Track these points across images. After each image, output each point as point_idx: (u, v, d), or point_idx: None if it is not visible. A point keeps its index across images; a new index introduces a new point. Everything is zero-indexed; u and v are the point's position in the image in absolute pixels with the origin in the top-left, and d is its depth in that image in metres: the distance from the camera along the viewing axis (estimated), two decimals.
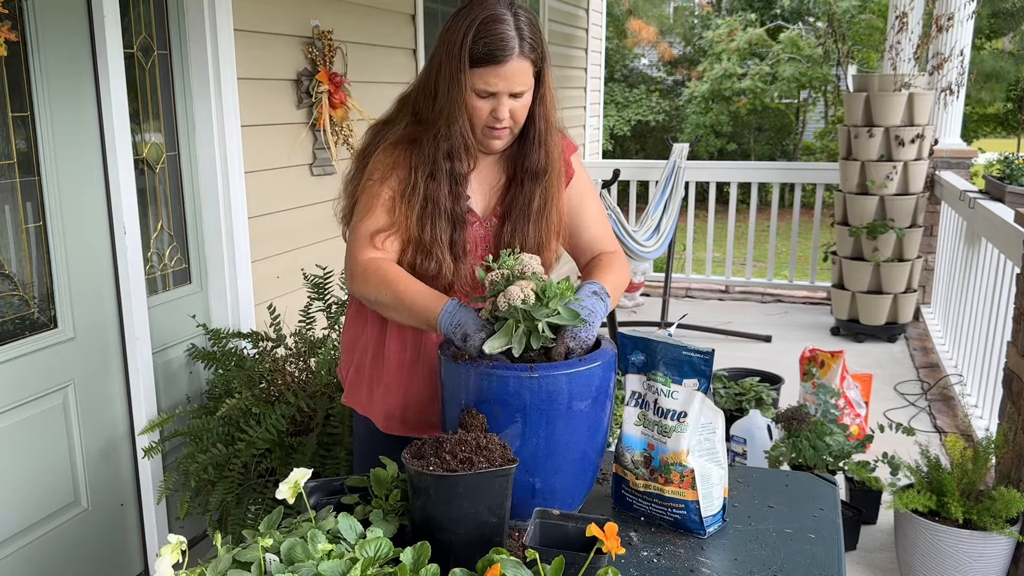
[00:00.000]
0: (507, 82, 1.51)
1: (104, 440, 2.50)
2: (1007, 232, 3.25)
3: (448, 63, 1.51)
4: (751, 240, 6.33)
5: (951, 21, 5.00)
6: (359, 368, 1.73)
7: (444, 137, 1.54)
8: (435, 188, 1.56)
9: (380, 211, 1.56)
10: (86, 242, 2.38)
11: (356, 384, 1.73)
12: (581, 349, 1.38)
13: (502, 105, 1.53)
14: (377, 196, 1.57)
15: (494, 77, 1.50)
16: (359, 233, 1.57)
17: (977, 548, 2.47)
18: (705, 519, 1.38)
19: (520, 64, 1.51)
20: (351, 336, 1.76)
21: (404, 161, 1.57)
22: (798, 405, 3.18)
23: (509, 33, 1.49)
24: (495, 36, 1.48)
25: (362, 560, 1.05)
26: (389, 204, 1.57)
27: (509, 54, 1.49)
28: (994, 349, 3.48)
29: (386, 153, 1.59)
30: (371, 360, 1.70)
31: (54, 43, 2.22)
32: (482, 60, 1.49)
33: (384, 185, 1.57)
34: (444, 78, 1.52)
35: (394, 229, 1.57)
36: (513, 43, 1.49)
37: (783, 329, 5.47)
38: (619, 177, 4.87)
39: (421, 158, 1.56)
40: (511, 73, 1.50)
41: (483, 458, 1.21)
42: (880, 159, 4.98)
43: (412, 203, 1.56)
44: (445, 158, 1.56)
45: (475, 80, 1.50)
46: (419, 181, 1.56)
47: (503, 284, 1.39)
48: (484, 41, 1.48)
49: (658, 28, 16.06)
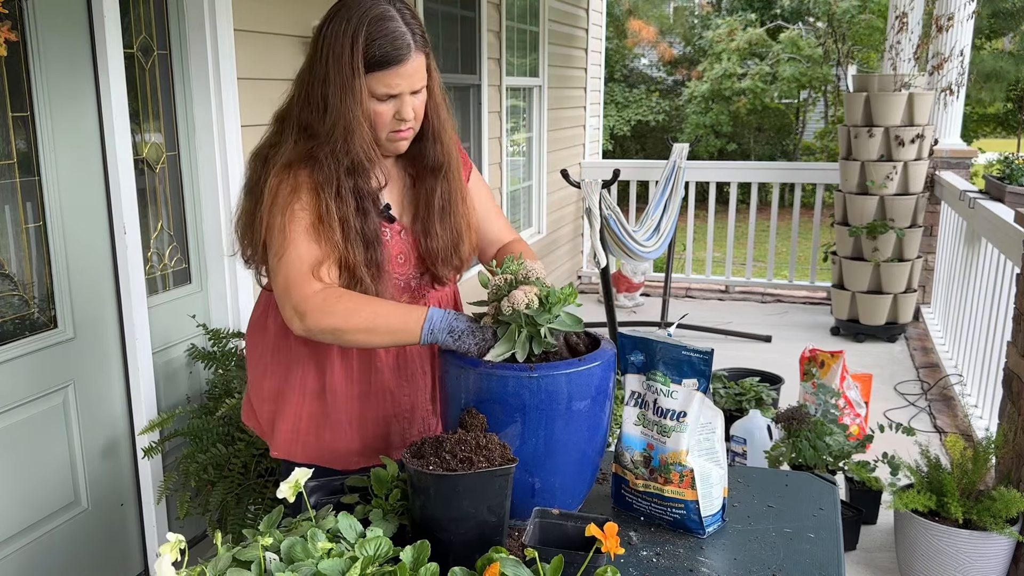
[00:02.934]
0: (409, 80, 1.44)
1: (104, 440, 2.50)
2: (1007, 232, 3.25)
3: (338, 72, 1.41)
4: (751, 240, 6.34)
5: (951, 21, 5.00)
6: (294, 416, 1.59)
7: (344, 152, 1.43)
8: (344, 208, 1.45)
9: (305, 240, 1.43)
10: (86, 242, 2.38)
11: (291, 433, 1.59)
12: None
13: (406, 105, 1.46)
14: (294, 225, 1.43)
15: (395, 78, 1.43)
16: (293, 269, 1.43)
17: (977, 548, 2.47)
18: (705, 519, 1.38)
19: (418, 59, 1.44)
20: (272, 386, 1.61)
21: (306, 182, 1.44)
22: (798, 405, 3.18)
23: (401, 29, 1.42)
24: (390, 36, 1.40)
25: (362, 559, 1.05)
26: (311, 231, 1.44)
27: (408, 51, 1.42)
28: (994, 349, 3.48)
29: (281, 177, 1.44)
30: (310, 402, 1.57)
31: (54, 43, 2.23)
32: (380, 63, 1.41)
33: (295, 211, 1.43)
34: (335, 89, 1.41)
35: (330, 258, 1.45)
36: (408, 39, 1.42)
37: (783, 329, 5.47)
38: (619, 177, 4.87)
39: (323, 176, 1.44)
40: (412, 71, 1.44)
41: (483, 458, 1.21)
42: (880, 159, 4.98)
43: (332, 225, 1.44)
44: (347, 174, 1.45)
45: (374, 85, 1.42)
46: (329, 201, 1.44)
47: (506, 289, 1.39)
48: (378, 43, 1.40)
49: (658, 28, 16.06)
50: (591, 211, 4.36)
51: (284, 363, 1.59)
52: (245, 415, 1.72)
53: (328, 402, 1.57)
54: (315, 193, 1.44)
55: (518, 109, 5.72)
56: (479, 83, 4.83)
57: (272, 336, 1.61)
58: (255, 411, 1.67)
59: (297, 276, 1.43)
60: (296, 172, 1.44)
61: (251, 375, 1.68)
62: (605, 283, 4.57)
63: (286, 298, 1.43)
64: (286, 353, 1.59)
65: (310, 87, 1.45)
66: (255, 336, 1.66)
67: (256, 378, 1.65)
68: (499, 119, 5.16)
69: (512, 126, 5.59)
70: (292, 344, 1.57)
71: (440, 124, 1.55)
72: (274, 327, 1.60)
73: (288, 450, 1.60)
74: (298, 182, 1.44)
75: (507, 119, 5.33)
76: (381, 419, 1.59)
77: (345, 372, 1.56)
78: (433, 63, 1.50)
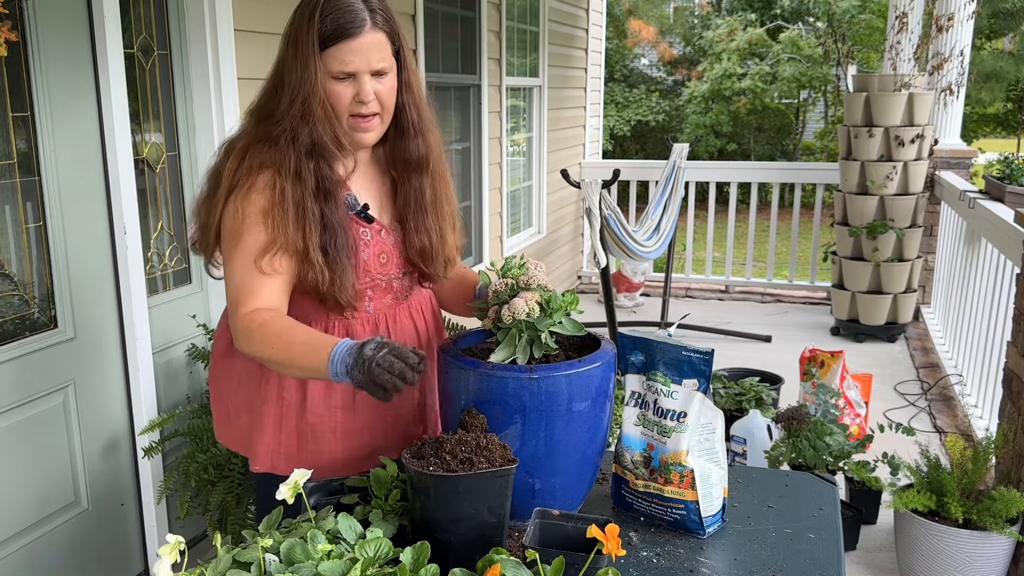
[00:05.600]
0: (364, 57, 1.40)
1: (104, 440, 2.50)
2: (1007, 232, 3.25)
3: (296, 52, 1.41)
4: (751, 240, 6.34)
5: (951, 21, 5.00)
6: (274, 427, 1.53)
7: (304, 131, 1.41)
8: (302, 190, 1.41)
9: (255, 227, 1.39)
10: (86, 242, 2.38)
11: (272, 445, 1.53)
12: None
13: (364, 85, 1.42)
14: (248, 209, 1.40)
15: (348, 53, 1.40)
16: (237, 264, 1.40)
17: (977, 548, 2.47)
18: (705, 519, 1.38)
19: (375, 36, 1.41)
20: (247, 397, 1.55)
21: (266, 163, 1.41)
22: (798, 405, 3.18)
23: (356, 5, 1.40)
24: (342, 9, 1.40)
25: (362, 560, 1.05)
26: (262, 216, 1.40)
27: (361, 25, 1.40)
28: (994, 349, 3.48)
29: (238, 159, 1.42)
30: (289, 413, 1.51)
31: (54, 43, 2.23)
32: (332, 37, 1.39)
33: (250, 194, 1.40)
34: (293, 69, 1.41)
35: (278, 244, 1.39)
36: (363, 14, 1.40)
37: (783, 329, 5.47)
38: (619, 177, 4.87)
39: (280, 157, 1.41)
40: (366, 47, 1.40)
41: (483, 458, 1.21)
42: (880, 159, 4.98)
43: (285, 208, 1.40)
44: (307, 155, 1.42)
45: (329, 62, 1.40)
46: (285, 184, 1.40)
47: (507, 294, 1.39)
48: (331, 17, 1.39)
49: (658, 28, 16.06)
50: (591, 211, 4.36)
51: (257, 372, 1.53)
52: (220, 431, 1.65)
53: (309, 411, 1.51)
54: (272, 175, 1.40)
55: (518, 109, 5.72)
56: (479, 83, 4.83)
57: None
58: (230, 424, 1.62)
59: (234, 294, 1.41)
60: (253, 154, 1.42)
61: (224, 386, 1.61)
62: (605, 283, 4.57)
63: (229, 307, 1.43)
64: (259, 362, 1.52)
65: (274, 74, 1.46)
66: (226, 343, 1.57)
67: (231, 389, 1.59)
68: (499, 119, 5.16)
69: (512, 126, 5.59)
70: None
71: (421, 119, 1.52)
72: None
73: (271, 463, 1.54)
74: (253, 164, 1.41)
75: (507, 119, 5.33)
76: (365, 429, 1.54)
77: (325, 382, 1.49)
78: (408, 55, 1.48)
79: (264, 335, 1.35)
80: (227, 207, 1.42)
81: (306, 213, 1.40)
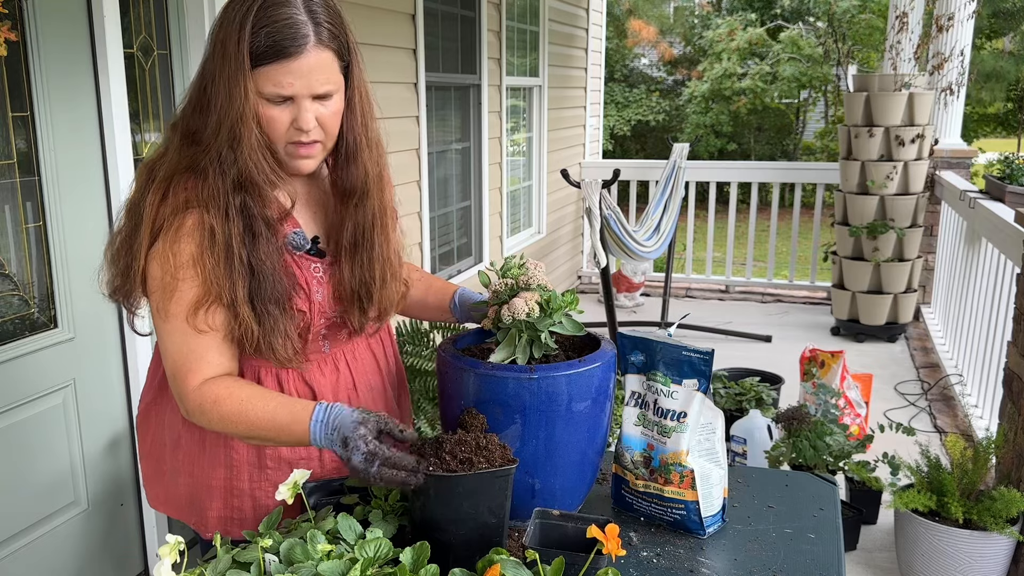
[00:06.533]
0: (305, 80, 1.20)
1: (104, 440, 2.50)
2: (1007, 232, 3.25)
3: (223, 66, 1.18)
4: (751, 240, 6.34)
5: (951, 21, 4.99)
6: (224, 495, 1.37)
7: (230, 161, 1.20)
8: (229, 230, 1.20)
9: (187, 279, 1.21)
10: (86, 242, 2.38)
11: (224, 511, 1.38)
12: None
13: (304, 111, 1.21)
14: (178, 259, 1.20)
15: (286, 75, 1.19)
16: (172, 323, 1.22)
17: (977, 548, 2.47)
18: (705, 519, 1.38)
19: (319, 56, 1.20)
20: (186, 457, 1.37)
21: (192, 201, 1.21)
22: (798, 405, 3.18)
23: (298, 17, 1.18)
24: (280, 22, 1.17)
25: (362, 561, 1.05)
26: (192, 265, 1.21)
27: (302, 43, 1.18)
28: (994, 349, 3.48)
29: (160, 192, 1.22)
30: (251, 474, 1.36)
31: (54, 43, 2.22)
32: (267, 55, 1.17)
33: (179, 239, 1.20)
34: (220, 86, 1.18)
35: (212, 294, 1.21)
36: (305, 29, 1.18)
37: (783, 329, 5.47)
38: (619, 177, 4.87)
39: (207, 191, 1.21)
40: (308, 68, 1.19)
41: (483, 458, 1.21)
42: (880, 159, 4.98)
43: (216, 253, 1.20)
44: (235, 190, 1.21)
45: (262, 83, 1.19)
46: (214, 223, 1.20)
47: (507, 294, 1.39)
48: (266, 31, 1.17)
49: (658, 28, 16.06)
50: (591, 211, 4.36)
51: (198, 432, 1.36)
52: (151, 491, 1.46)
53: (270, 468, 1.37)
54: (200, 214, 1.21)
55: (518, 109, 5.72)
56: (479, 83, 4.83)
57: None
58: (164, 486, 1.43)
59: (174, 361, 1.24)
60: (177, 187, 1.22)
61: (156, 442, 1.43)
62: (605, 283, 4.57)
63: (171, 379, 1.26)
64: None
65: (197, 86, 1.24)
66: (157, 389, 1.41)
67: (165, 448, 1.40)
68: (499, 119, 5.16)
69: (512, 126, 5.59)
70: None
71: (357, 144, 1.31)
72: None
73: (224, 528, 1.38)
74: (179, 201, 1.21)
75: (507, 119, 5.33)
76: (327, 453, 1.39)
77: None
78: (357, 70, 1.28)
79: (221, 414, 1.21)
80: (153, 253, 1.22)
81: (232, 258, 1.21)
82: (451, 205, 4.74)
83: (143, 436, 1.45)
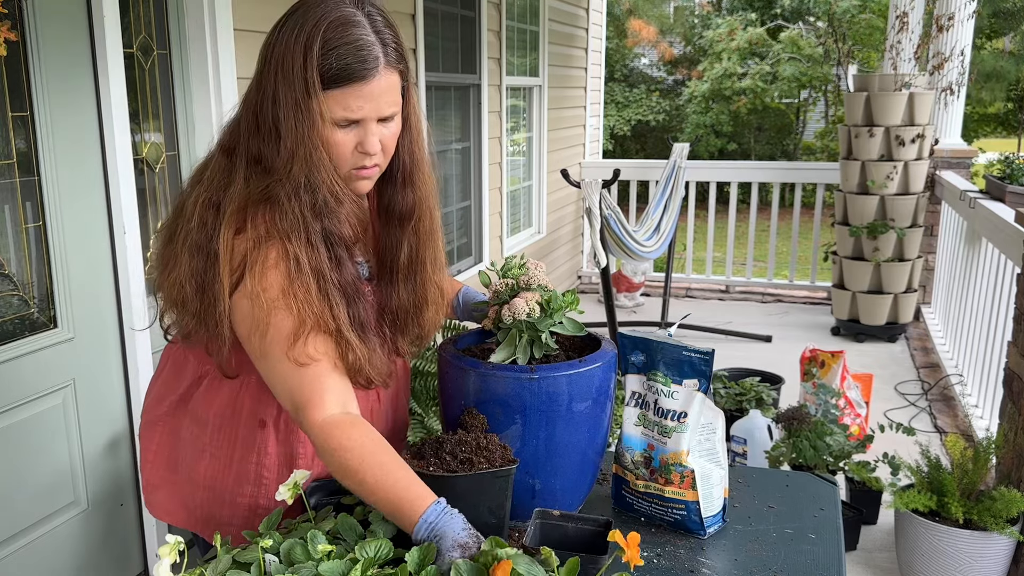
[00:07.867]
0: (375, 103, 1.17)
1: (104, 440, 2.50)
2: (1007, 232, 3.25)
3: (288, 89, 1.14)
4: (751, 240, 6.34)
5: (951, 21, 4.99)
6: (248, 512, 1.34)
7: (307, 188, 1.17)
8: (316, 257, 1.18)
9: (279, 310, 1.16)
10: (86, 242, 2.38)
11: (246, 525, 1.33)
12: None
13: (370, 134, 1.19)
14: (266, 291, 1.16)
15: (356, 99, 1.15)
16: (275, 361, 1.18)
17: (977, 548, 2.47)
18: (705, 519, 1.38)
19: (388, 79, 1.17)
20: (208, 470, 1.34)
21: (273, 231, 1.17)
22: (798, 405, 3.18)
23: (368, 38, 1.15)
24: (351, 44, 1.14)
25: (362, 561, 1.05)
26: (282, 295, 1.17)
27: (373, 66, 1.15)
28: (994, 349, 3.48)
29: (235, 227, 1.17)
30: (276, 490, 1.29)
31: (54, 43, 2.22)
32: (339, 79, 1.14)
33: (266, 274, 1.16)
34: (287, 110, 1.14)
35: (308, 325, 1.17)
36: (376, 51, 1.15)
37: (783, 329, 5.46)
38: (619, 177, 4.87)
39: (287, 221, 1.17)
40: (379, 91, 1.16)
41: (483, 458, 1.21)
42: (880, 159, 4.97)
43: (305, 283, 1.17)
44: (314, 216, 1.18)
45: (332, 107, 1.15)
46: (299, 252, 1.17)
47: (507, 294, 1.39)
48: (337, 53, 1.13)
49: (658, 28, 16.06)
50: (591, 211, 4.36)
51: (228, 446, 1.32)
52: (155, 505, 1.41)
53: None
54: (281, 243, 1.17)
55: (518, 109, 5.72)
56: (479, 83, 4.83)
57: (219, 408, 1.33)
58: (176, 498, 1.38)
59: (289, 398, 1.19)
60: (255, 219, 1.17)
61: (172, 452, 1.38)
62: (605, 283, 4.57)
63: (296, 411, 1.20)
64: (232, 431, 1.32)
65: (259, 108, 1.18)
66: (181, 397, 1.37)
67: (185, 458, 1.36)
68: (499, 119, 5.16)
69: (512, 126, 5.59)
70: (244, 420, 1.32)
71: (414, 164, 1.28)
72: (222, 399, 1.33)
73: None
74: (260, 233, 1.17)
75: (507, 119, 5.33)
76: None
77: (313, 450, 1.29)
78: (412, 86, 1.25)
79: (341, 464, 1.15)
80: (240, 293, 1.18)
81: (326, 284, 1.18)
82: (451, 205, 4.74)
83: (147, 444, 1.41)
